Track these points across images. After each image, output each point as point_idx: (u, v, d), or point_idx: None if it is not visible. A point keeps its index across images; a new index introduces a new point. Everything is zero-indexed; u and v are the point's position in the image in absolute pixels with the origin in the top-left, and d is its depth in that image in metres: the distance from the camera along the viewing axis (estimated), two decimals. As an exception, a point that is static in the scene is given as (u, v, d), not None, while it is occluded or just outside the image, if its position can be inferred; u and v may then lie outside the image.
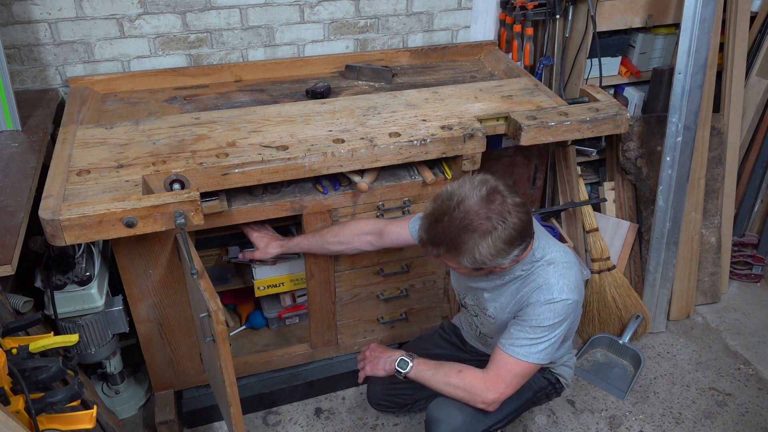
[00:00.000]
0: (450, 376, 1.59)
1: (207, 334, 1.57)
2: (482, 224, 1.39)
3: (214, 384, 1.82)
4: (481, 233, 1.39)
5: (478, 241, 1.39)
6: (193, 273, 1.64)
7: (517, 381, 1.56)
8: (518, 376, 1.55)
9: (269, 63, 2.32)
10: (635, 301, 2.47)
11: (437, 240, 1.43)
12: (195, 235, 1.92)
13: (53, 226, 1.46)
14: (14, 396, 1.25)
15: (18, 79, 2.12)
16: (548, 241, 1.60)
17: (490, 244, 1.39)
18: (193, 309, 1.82)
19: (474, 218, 1.39)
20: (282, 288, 2.08)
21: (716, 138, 2.51)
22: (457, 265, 1.46)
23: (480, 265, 1.44)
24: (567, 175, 2.47)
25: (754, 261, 2.80)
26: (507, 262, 1.46)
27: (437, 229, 1.43)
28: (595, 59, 2.35)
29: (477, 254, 1.41)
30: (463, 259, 1.42)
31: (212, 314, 1.48)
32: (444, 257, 1.46)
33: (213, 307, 1.48)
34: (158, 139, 1.80)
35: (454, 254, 1.43)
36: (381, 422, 2.17)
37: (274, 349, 2.20)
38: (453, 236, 1.40)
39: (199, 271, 1.58)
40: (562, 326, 1.53)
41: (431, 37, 2.51)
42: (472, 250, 1.40)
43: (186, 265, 1.71)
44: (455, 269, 1.53)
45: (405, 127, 1.88)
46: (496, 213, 1.39)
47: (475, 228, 1.39)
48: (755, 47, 2.51)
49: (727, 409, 2.25)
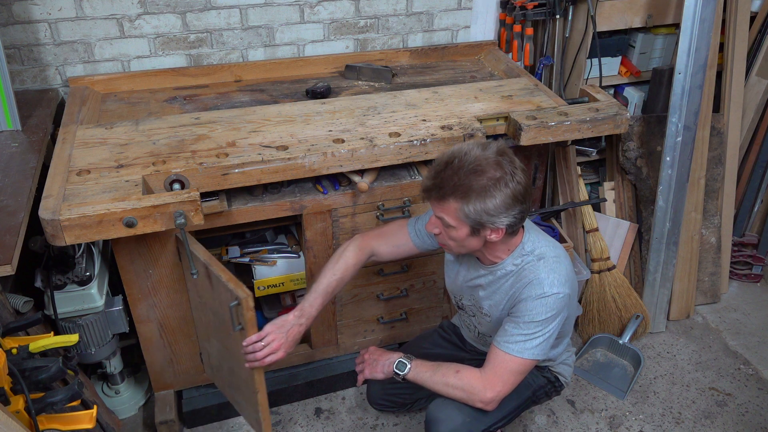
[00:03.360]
0: (448, 376, 1.59)
1: (236, 323, 1.55)
2: (493, 169, 1.38)
3: (231, 377, 1.80)
4: (491, 178, 1.38)
5: (487, 184, 1.37)
6: (193, 273, 1.64)
7: (514, 378, 1.55)
8: (515, 373, 1.55)
9: (269, 63, 2.32)
10: (635, 301, 2.47)
11: (445, 182, 1.39)
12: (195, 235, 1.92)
13: (53, 226, 1.46)
14: (14, 396, 1.25)
15: (18, 79, 2.12)
16: (538, 234, 1.61)
17: (499, 190, 1.38)
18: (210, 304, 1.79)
19: (484, 164, 1.38)
20: (282, 288, 2.08)
21: (716, 138, 2.51)
22: (458, 217, 1.42)
23: (482, 217, 1.40)
24: (567, 175, 2.47)
25: (754, 261, 2.80)
26: (506, 221, 1.42)
27: (446, 172, 1.40)
28: (595, 59, 2.35)
29: (485, 199, 1.38)
30: (469, 205, 1.39)
31: (242, 302, 1.47)
32: (447, 205, 1.41)
33: (242, 294, 1.48)
34: (158, 139, 1.80)
35: (460, 197, 1.39)
36: (381, 422, 2.17)
37: (274, 349, 2.19)
38: (462, 178, 1.38)
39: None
40: (555, 320, 1.52)
41: (431, 37, 2.51)
42: (480, 193, 1.37)
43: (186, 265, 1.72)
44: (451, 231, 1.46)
45: (405, 127, 1.88)
46: (507, 162, 1.39)
47: (485, 171, 1.37)
48: (755, 47, 2.51)
49: (727, 409, 2.25)
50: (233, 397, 1.87)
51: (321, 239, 1.92)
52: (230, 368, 1.79)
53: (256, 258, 2.05)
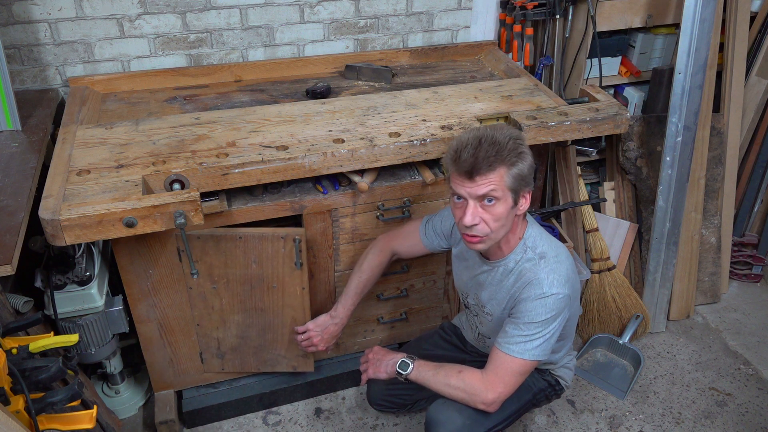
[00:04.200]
0: (450, 377, 1.59)
1: (298, 261, 1.81)
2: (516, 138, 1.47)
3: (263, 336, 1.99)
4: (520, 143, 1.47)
5: (520, 149, 1.46)
6: (193, 273, 1.64)
7: (515, 379, 1.56)
8: (516, 374, 1.55)
9: (269, 63, 2.32)
10: (635, 301, 2.47)
11: (488, 155, 1.42)
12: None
13: (53, 226, 1.46)
14: (14, 396, 1.25)
15: (18, 79, 2.12)
16: (540, 232, 1.61)
17: (528, 154, 1.47)
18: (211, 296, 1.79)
19: (508, 134, 1.47)
20: (282, 288, 2.09)
21: (716, 138, 2.51)
22: (504, 187, 1.44)
23: (522, 180, 1.46)
24: (567, 175, 2.47)
25: (754, 261, 2.80)
26: (532, 186, 1.51)
27: (483, 146, 1.43)
28: (595, 59, 2.35)
29: (525, 162, 1.46)
30: (514, 169, 1.44)
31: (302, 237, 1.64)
32: (494, 173, 1.43)
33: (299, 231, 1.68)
34: (158, 139, 1.80)
35: (509, 164, 1.44)
36: (381, 422, 2.17)
37: (274, 349, 2.20)
38: (502, 148, 1.43)
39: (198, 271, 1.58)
40: (555, 321, 1.52)
41: (431, 37, 2.51)
42: (521, 156, 1.45)
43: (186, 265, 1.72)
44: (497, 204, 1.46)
45: (405, 127, 1.88)
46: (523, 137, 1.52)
47: (515, 138, 1.46)
48: (755, 47, 2.51)
49: (727, 409, 2.25)
50: (264, 359, 2.04)
51: (321, 239, 1.92)
52: (262, 328, 1.97)
53: (256, 258, 2.05)
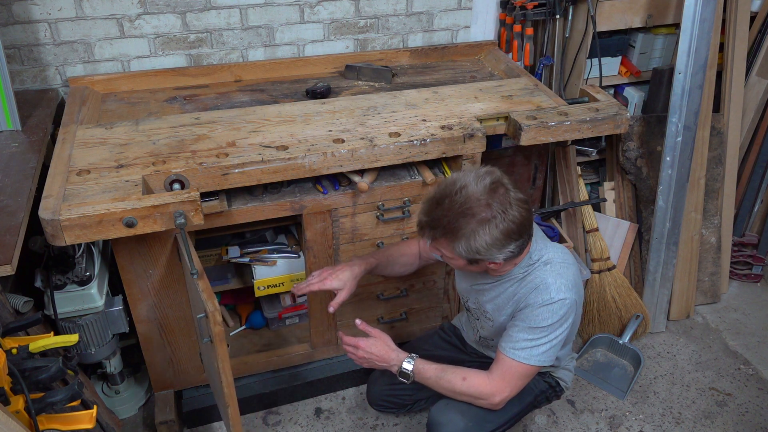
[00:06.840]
0: (454, 383, 1.59)
1: (204, 335, 1.57)
2: (482, 211, 1.38)
3: (213, 384, 1.82)
4: (480, 220, 1.38)
5: (476, 227, 1.38)
6: (193, 273, 1.64)
7: (521, 383, 1.58)
8: (522, 377, 1.56)
9: (269, 63, 2.32)
10: (635, 301, 2.47)
11: (435, 223, 1.42)
12: (195, 235, 1.93)
13: (53, 226, 1.46)
14: (14, 396, 1.25)
15: (18, 79, 2.12)
16: (545, 243, 1.60)
17: (487, 232, 1.38)
18: (193, 309, 1.82)
19: (474, 204, 1.38)
20: (282, 288, 2.08)
21: (716, 138, 2.51)
22: (452, 253, 1.45)
23: (474, 255, 1.42)
24: (567, 175, 2.47)
25: (754, 261, 2.80)
26: (501, 257, 1.44)
27: (437, 211, 1.42)
28: (595, 59, 2.35)
29: (473, 241, 1.39)
30: (459, 246, 1.41)
31: (209, 315, 1.47)
32: (439, 242, 1.45)
33: (210, 307, 1.47)
34: (158, 139, 1.80)
35: (450, 239, 1.42)
36: (381, 422, 2.17)
37: (274, 349, 2.19)
38: (451, 220, 1.39)
39: (198, 271, 1.58)
40: (562, 326, 1.52)
41: (431, 37, 2.51)
42: (469, 236, 1.39)
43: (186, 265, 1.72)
44: (450, 260, 1.51)
45: (405, 127, 1.88)
46: (497, 203, 1.39)
47: (474, 214, 1.38)
48: (755, 47, 2.51)
49: (727, 409, 2.25)
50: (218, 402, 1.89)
51: (321, 239, 1.92)
52: (211, 375, 1.81)
53: (256, 258, 2.05)
